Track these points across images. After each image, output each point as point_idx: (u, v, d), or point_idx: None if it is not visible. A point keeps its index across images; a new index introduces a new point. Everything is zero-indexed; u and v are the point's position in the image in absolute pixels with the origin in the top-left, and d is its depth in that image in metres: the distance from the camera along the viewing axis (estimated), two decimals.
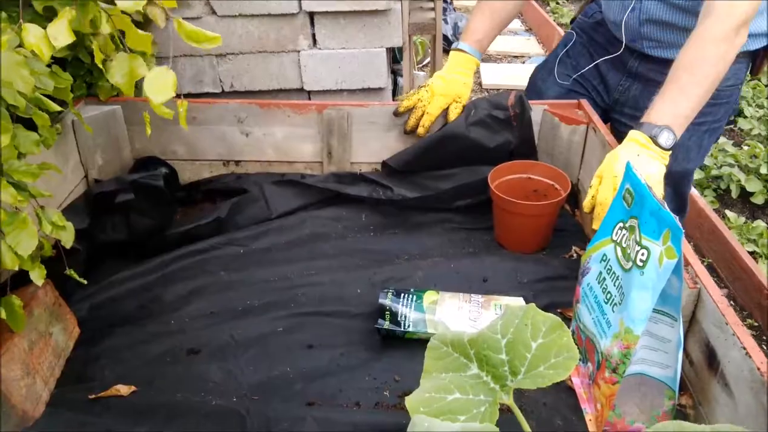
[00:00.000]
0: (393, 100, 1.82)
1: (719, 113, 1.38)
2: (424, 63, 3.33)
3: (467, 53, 1.36)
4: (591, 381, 0.87)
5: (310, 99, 1.71)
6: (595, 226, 1.01)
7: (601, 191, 1.05)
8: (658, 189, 1.02)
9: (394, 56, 2.04)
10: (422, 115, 1.33)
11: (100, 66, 0.80)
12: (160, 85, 0.74)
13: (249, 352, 0.98)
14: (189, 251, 1.21)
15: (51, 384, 0.94)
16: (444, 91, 1.33)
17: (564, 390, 0.91)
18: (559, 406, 0.88)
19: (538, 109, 1.35)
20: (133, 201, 1.18)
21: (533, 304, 0.70)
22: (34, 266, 0.87)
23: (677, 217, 0.72)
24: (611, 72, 1.45)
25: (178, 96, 0.82)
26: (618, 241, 0.84)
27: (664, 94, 1.09)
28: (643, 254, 0.76)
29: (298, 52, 1.62)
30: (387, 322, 0.99)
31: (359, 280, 1.14)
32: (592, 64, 1.48)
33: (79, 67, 1.31)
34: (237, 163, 1.43)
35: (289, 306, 1.09)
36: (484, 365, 0.71)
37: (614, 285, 0.83)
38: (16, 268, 0.82)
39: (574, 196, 1.33)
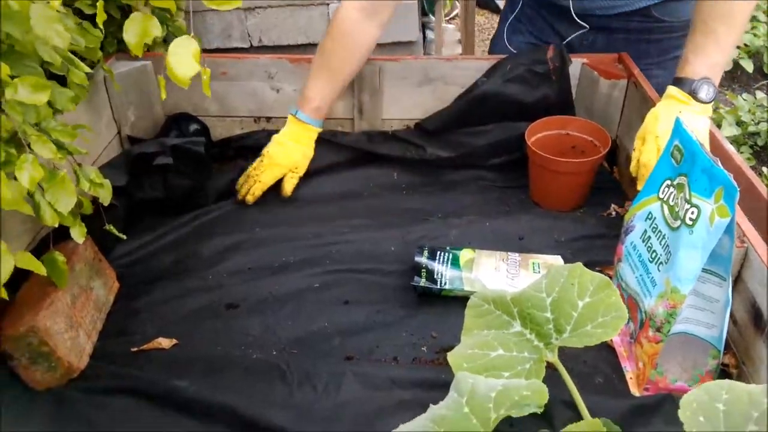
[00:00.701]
0: (423, 54, 1.78)
1: None
2: (451, 15, 3.26)
3: (305, 123, 1.25)
4: (632, 339, 0.86)
5: None
6: (640, 187, 0.99)
7: (644, 153, 1.03)
8: (706, 144, 0.99)
9: (422, 9, 1.99)
10: (254, 184, 1.23)
11: (101, 26, 0.78)
12: (183, 57, 0.72)
13: (286, 307, 0.99)
14: (223, 208, 1.22)
15: (94, 337, 0.95)
16: (280, 161, 1.23)
17: (604, 348, 0.90)
18: (598, 364, 0.88)
19: (576, 63, 1.31)
20: (171, 164, 1.18)
21: (580, 264, 0.69)
22: (74, 223, 0.88)
23: (731, 175, 0.70)
24: (570, 29, 1.35)
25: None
26: (665, 199, 0.82)
27: (696, 47, 1.05)
28: (692, 213, 0.75)
29: (327, 4, 1.59)
30: (423, 280, 0.99)
31: (392, 239, 1.14)
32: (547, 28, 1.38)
33: (110, 23, 1.29)
34: (268, 119, 1.42)
35: (324, 263, 1.09)
36: (528, 323, 0.71)
37: (660, 244, 0.81)
38: (57, 225, 0.83)
39: (612, 153, 1.31)
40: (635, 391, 0.84)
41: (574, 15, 1.30)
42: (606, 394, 0.83)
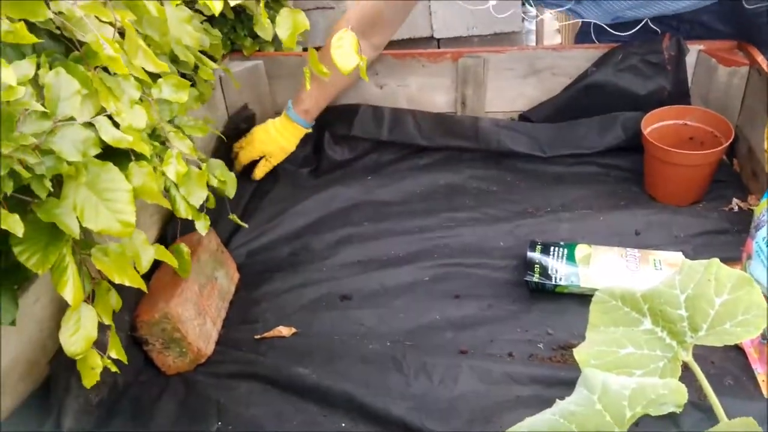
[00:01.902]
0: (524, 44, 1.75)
1: None
2: None
3: (292, 121, 1.28)
4: (764, 340, 0.82)
5: (439, 47, 1.69)
6: None
7: None
8: None
9: None
10: (235, 158, 1.31)
11: (264, 22, 0.82)
12: (346, 49, 0.75)
13: (399, 299, 1.01)
14: (332, 204, 1.25)
15: (219, 325, 1.00)
16: (258, 144, 1.28)
17: (732, 349, 0.86)
18: (727, 365, 0.84)
19: (692, 50, 1.25)
20: None
21: (716, 259, 0.66)
22: (199, 216, 0.92)
23: None
24: (660, 26, 1.28)
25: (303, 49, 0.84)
26: None
27: None
28: None
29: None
30: (536, 275, 0.98)
31: (501, 233, 1.13)
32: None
33: (223, 24, 1.36)
34: (374, 108, 1.43)
35: (433, 257, 1.10)
36: (659, 321, 0.69)
37: None
38: (190, 217, 0.88)
39: (731, 144, 1.24)
40: None
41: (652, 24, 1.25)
42: (737, 396, 0.79)
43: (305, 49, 1.51)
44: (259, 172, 1.31)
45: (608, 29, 1.31)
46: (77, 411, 0.80)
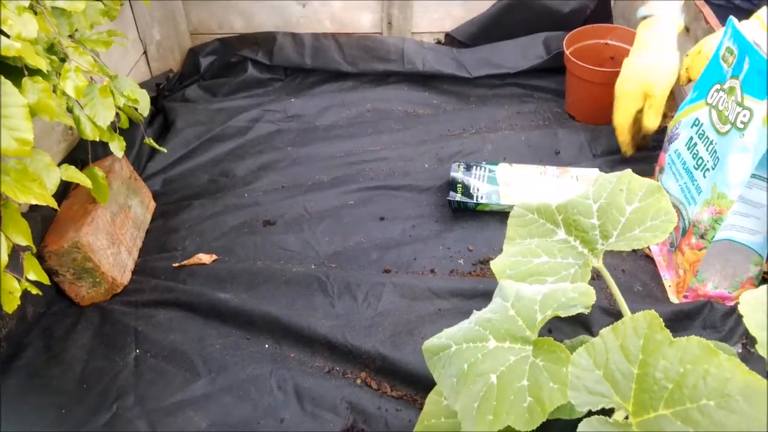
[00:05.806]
0: None
1: None
2: None
3: None
4: (672, 248, 0.85)
5: None
6: (682, 83, 0.96)
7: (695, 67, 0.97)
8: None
9: None
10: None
11: None
12: None
13: (323, 223, 1.00)
14: (255, 129, 1.21)
15: (134, 254, 0.97)
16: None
17: (642, 258, 0.90)
18: (637, 272, 0.88)
19: None
20: None
21: (629, 170, 0.68)
22: (113, 137, 0.87)
23: None
24: None
25: None
26: (713, 104, 0.80)
27: None
28: (744, 115, 0.72)
29: None
30: (459, 195, 0.98)
31: (426, 155, 1.13)
32: None
33: None
34: (294, 35, 1.38)
35: (358, 180, 1.09)
36: (573, 230, 0.70)
37: (707, 150, 0.79)
38: (97, 139, 0.82)
39: None
40: (674, 298, 0.84)
41: None
42: (645, 301, 0.83)
43: None
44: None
45: None
46: None
